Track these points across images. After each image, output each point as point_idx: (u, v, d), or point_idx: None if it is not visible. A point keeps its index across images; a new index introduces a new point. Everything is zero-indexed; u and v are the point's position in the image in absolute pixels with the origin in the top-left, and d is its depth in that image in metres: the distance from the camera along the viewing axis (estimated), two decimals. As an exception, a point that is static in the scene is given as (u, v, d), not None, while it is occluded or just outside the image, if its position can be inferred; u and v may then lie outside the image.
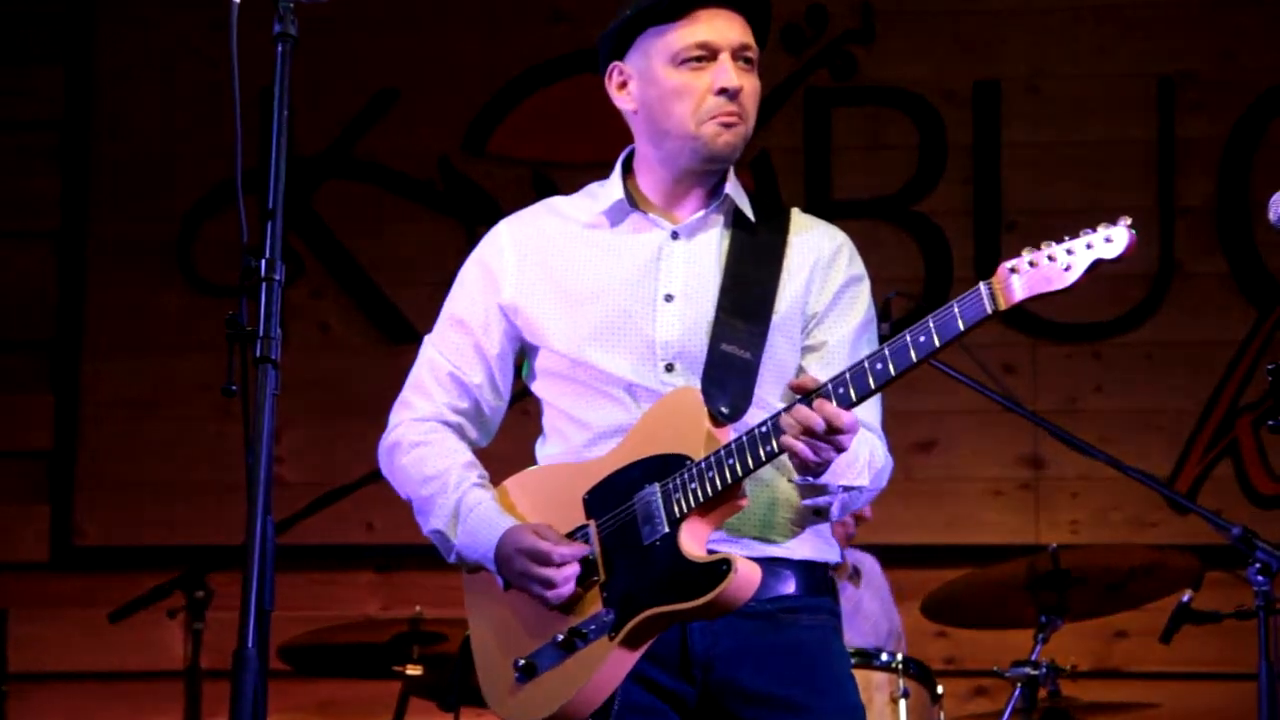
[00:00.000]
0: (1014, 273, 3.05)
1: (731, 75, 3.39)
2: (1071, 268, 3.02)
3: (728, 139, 3.41)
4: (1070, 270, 3.02)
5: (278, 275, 2.95)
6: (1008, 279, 3.05)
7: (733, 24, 3.43)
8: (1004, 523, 6.99)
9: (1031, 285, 3.04)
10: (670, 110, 3.42)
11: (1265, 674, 4.39)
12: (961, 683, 6.69)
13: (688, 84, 3.40)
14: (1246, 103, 7.10)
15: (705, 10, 3.42)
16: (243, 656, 2.80)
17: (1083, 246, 3.02)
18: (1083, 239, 3.03)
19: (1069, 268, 3.02)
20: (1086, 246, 3.02)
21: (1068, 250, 3.03)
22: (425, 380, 3.56)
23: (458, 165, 7.32)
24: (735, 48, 3.42)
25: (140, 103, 7.43)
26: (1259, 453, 6.94)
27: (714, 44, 3.41)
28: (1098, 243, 3.01)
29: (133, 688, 7.08)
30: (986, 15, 7.27)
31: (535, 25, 7.35)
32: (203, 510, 7.02)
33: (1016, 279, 3.04)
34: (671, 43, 3.42)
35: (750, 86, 3.43)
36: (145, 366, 7.27)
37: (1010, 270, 3.05)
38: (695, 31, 3.41)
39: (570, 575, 3.30)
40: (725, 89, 3.39)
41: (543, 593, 3.30)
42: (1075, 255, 3.02)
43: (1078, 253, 3.02)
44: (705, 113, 3.39)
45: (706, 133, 3.40)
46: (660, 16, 3.43)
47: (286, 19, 3.05)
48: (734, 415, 3.31)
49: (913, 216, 7.18)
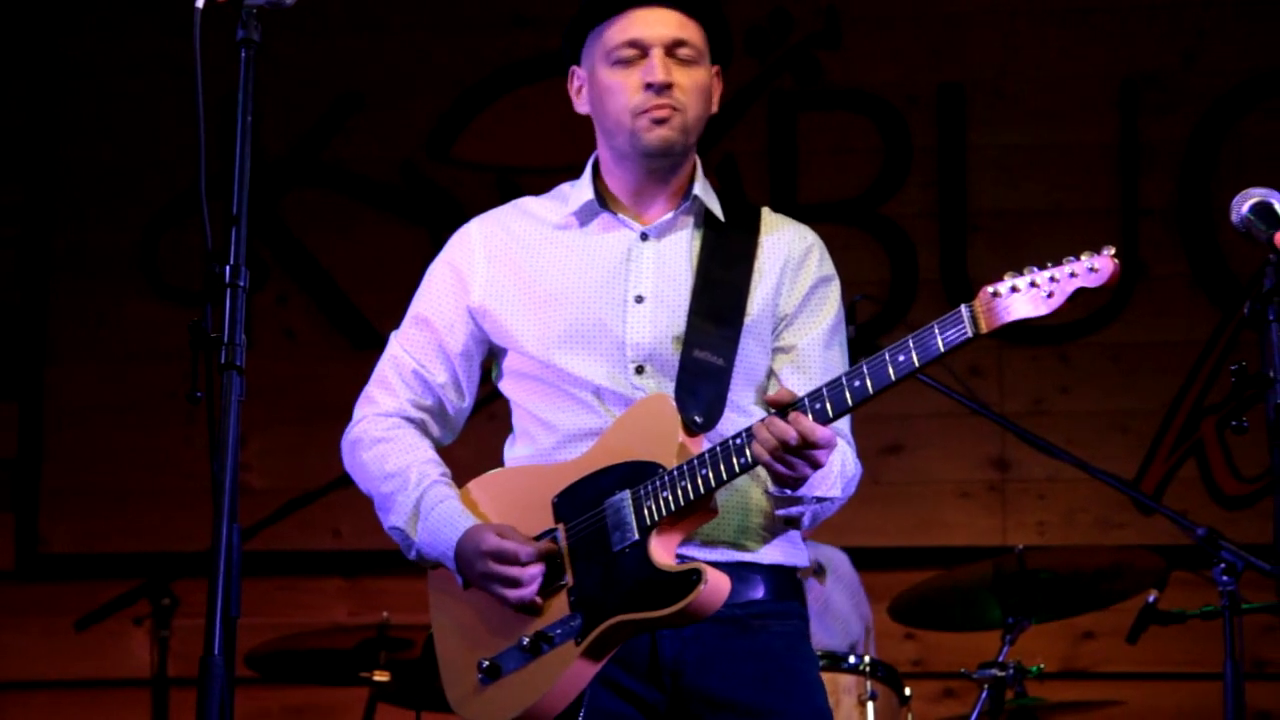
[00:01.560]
0: (996, 297, 3.04)
1: (657, 70, 3.40)
2: (1054, 295, 3.01)
3: (659, 134, 3.41)
4: (1052, 298, 3.01)
5: (242, 281, 2.94)
6: (990, 303, 3.04)
7: (666, 19, 3.44)
8: (971, 525, 7.00)
9: (1013, 311, 3.03)
10: (607, 109, 3.45)
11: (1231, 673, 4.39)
12: (929, 684, 6.71)
13: (620, 81, 3.43)
14: (1208, 105, 7.13)
15: (639, 9, 3.44)
16: (209, 664, 2.79)
17: (1066, 274, 3.01)
18: (1067, 267, 3.01)
19: (1051, 295, 3.01)
20: (1070, 275, 3.01)
21: (1051, 278, 3.02)
22: (389, 376, 3.56)
23: (422, 170, 7.32)
24: (667, 43, 3.43)
25: (104, 109, 7.40)
26: (1224, 453, 6.97)
27: (643, 40, 3.43)
28: (1081, 271, 3.00)
29: (99, 696, 7.05)
30: (950, 19, 7.29)
31: (499, 30, 7.35)
32: (168, 517, 7.00)
33: (999, 303, 3.03)
34: (606, 42, 3.45)
35: (688, 80, 3.43)
36: (110, 373, 7.24)
37: (992, 294, 3.04)
38: (626, 29, 3.43)
39: (536, 575, 3.29)
40: (650, 83, 3.40)
41: (506, 593, 3.29)
42: (1058, 283, 3.01)
43: (1061, 280, 3.01)
44: (635, 108, 3.41)
45: (638, 128, 3.41)
46: (597, 17, 3.47)
47: (250, 24, 3.04)
48: (708, 424, 3.31)
49: (878, 220, 7.19)
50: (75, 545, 7.17)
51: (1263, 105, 7.13)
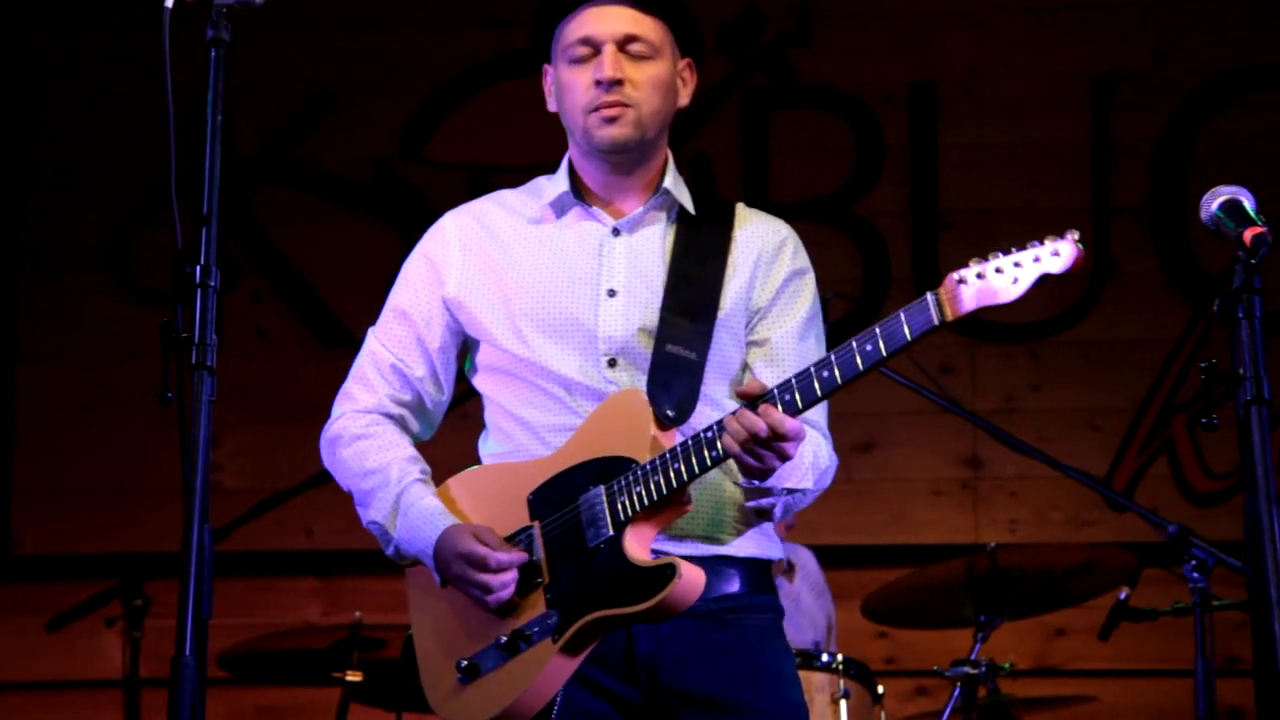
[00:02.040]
0: (961, 284, 3.04)
1: (605, 66, 3.41)
2: (1018, 280, 3.02)
3: (610, 132, 3.42)
4: (1017, 284, 3.02)
5: (213, 281, 2.94)
6: (955, 290, 3.04)
7: (619, 16, 3.44)
8: (943, 522, 7.02)
9: (979, 298, 3.03)
10: (565, 106, 3.48)
11: (1202, 670, 4.40)
12: (902, 682, 6.72)
13: (575, 79, 3.45)
14: (1179, 102, 7.15)
15: (592, 7, 3.45)
16: (181, 664, 2.79)
17: (1030, 260, 3.02)
18: (1030, 252, 3.02)
19: (1016, 280, 3.02)
20: (1034, 260, 3.01)
21: (1015, 263, 3.02)
22: (368, 372, 3.56)
23: (394, 169, 7.31)
24: (619, 39, 3.43)
25: (74, 108, 7.38)
26: (1194, 451, 6.99)
27: (594, 37, 3.43)
28: (1045, 256, 3.01)
29: (71, 697, 7.03)
30: (922, 17, 7.30)
31: (470, 29, 7.34)
32: (140, 518, 6.99)
33: (964, 290, 3.03)
34: (563, 40, 3.47)
35: (642, 75, 3.43)
36: (80, 373, 7.22)
37: (958, 281, 3.04)
38: (579, 26, 3.45)
39: (508, 582, 3.29)
40: (599, 80, 3.41)
41: (481, 597, 3.30)
42: (1022, 269, 3.02)
43: (1025, 266, 3.02)
44: (587, 105, 3.42)
45: (591, 125, 3.43)
46: (555, 15, 3.48)
47: (220, 23, 3.04)
48: (680, 418, 3.31)
49: (850, 218, 7.20)
50: (47, 546, 7.15)
51: (1234, 102, 7.15)
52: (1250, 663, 2.97)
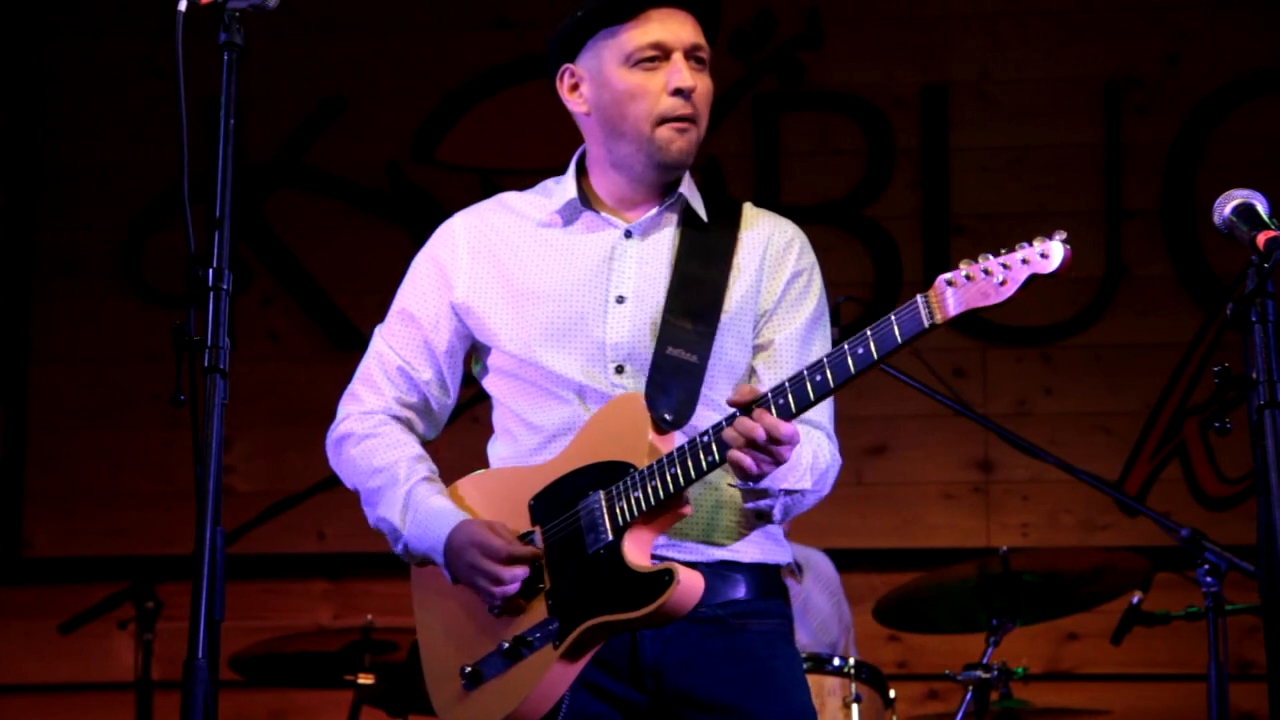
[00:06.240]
0: (950, 285, 3.04)
1: (686, 75, 3.38)
2: (1007, 282, 3.01)
3: (680, 145, 3.40)
4: (1006, 285, 3.02)
5: (225, 284, 2.94)
6: (944, 292, 3.04)
7: (685, 24, 3.42)
8: (955, 526, 7.01)
9: (967, 300, 3.03)
10: (625, 112, 3.41)
11: (1215, 675, 4.40)
12: (913, 686, 6.71)
13: (642, 85, 3.40)
14: (1191, 106, 7.14)
15: (658, 10, 3.41)
16: (193, 667, 2.79)
17: (1018, 261, 3.01)
18: (1018, 254, 3.02)
19: (1004, 282, 3.02)
20: (1022, 261, 3.01)
21: (1004, 265, 3.02)
22: (374, 373, 3.56)
23: (406, 173, 7.31)
24: (688, 47, 3.41)
25: (86, 112, 7.39)
26: (1207, 454, 6.98)
27: (667, 44, 3.40)
28: (1034, 258, 3.00)
29: (83, 699, 7.04)
30: (933, 20, 7.30)
31: (482, 32, 7.34)
32: (152, 521, 7.00)
33: (952, 293, 3.04)
34: (624, 43, 3.41)
35: (703, 87, 3.42)
36: (93, 376, 7.23)
37: (947, 283, 3.04)
38: (648, 31, 3.40)
39: (518, 575, 3.29)
40: (680, 89, 3.38)
41: (489, 588, 3.29)
42: (1011, 270, 3.01)
43: (1014, 267, 3.01)
44: (660, 114, 3.39)
45: (660, 138, 3.39)
46: (612, 17, 3.42)
47: (232, 28, 3.04)
48: (678, 421, 3.31)
49: (862, 221, 7.20)
50: (59, 548, 7.16)
51: (1246, 106, 7.14)
52: (1264, 667, 2.97)
